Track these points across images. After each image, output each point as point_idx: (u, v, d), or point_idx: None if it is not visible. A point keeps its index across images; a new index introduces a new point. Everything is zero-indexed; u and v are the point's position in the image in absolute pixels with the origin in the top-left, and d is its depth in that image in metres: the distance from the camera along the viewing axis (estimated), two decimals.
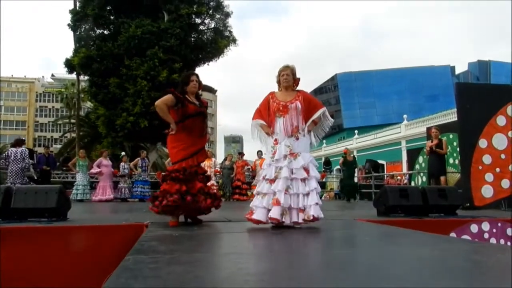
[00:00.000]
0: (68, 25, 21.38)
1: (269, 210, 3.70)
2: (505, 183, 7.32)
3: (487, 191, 7.21)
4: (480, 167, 7.27)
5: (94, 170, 11.43)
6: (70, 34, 21.95)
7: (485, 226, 4.81)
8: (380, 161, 29.61)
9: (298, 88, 4.24)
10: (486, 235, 4.77)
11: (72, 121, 37.07)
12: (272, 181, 3.80)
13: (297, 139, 3.94)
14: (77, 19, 21.08)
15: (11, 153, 8.95)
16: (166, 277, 1.71)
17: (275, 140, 3.95)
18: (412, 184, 13.26)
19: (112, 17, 21.28)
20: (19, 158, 8.84)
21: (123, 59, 19.56)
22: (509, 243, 4.75)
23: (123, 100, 19.51)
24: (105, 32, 21.49)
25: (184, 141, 4.13)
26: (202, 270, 1.91)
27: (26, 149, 9.28)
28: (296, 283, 1.71)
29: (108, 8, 21.48)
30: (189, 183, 4.02)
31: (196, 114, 4.16)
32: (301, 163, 3.81)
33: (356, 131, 36.50)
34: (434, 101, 48.64)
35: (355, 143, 34.46)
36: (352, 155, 13.90)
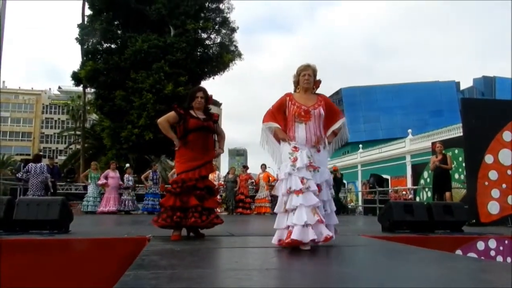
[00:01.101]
0: (76, 39, 21.69)
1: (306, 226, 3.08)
2: (511, 199, 7.22)
3: (493, 207, 7.12)
4: (486, 183, 7.19)
5: (101, 181, 11.46)
6: (78, 48, 22.28)
7: (492, 243, 4.73)
8: (384, 176, 29.46)
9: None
10: (492, 253, 4.69)
11: (78, 132, 37.30)
12: (299, 192, 3.18)
13: (318, 151, 3.48)
14: (85, 33, 21.40)
15: (31, 167, 9.77)
16: None
17: (294, 147, 3.38)
18: (417, 199, 13.15)
19: (119, 32, 21.60)
20: (38, 172, 9.74)
21: (129, 72, 19.81)
22: None
23: (128, 113, 19.68)
24: (112, 46, 21.81)
25: (187, 156, 4.13)
26: (203, 284, 1.87)
27: (45, 165, 10.29)
28: None
29: (116, 23, 21.84)
30: (184, 196, 3.97)
31: (198, 129, 4.15)
32: (323, 178, 3.41)
33: (360, 145, 36.40)
34: (439, 116, 48.53)
35: (360, 157, 34.34)
36: (340, 173, 14.44)
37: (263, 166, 13.30)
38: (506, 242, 4.76)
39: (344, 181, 18.70)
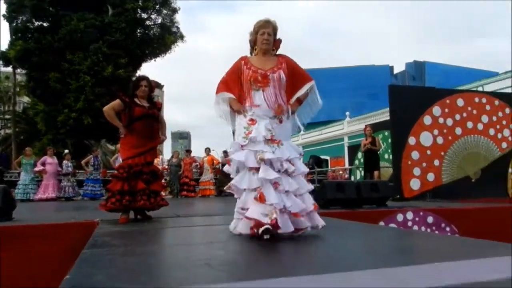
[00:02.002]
0: (4, 15, 20.25)
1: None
2: (430, 177, 8.09)
3: (415, 184, 7.94)
4: (409, 162, 7.98)
5: (38, 168, 11.09)
6: (5, 25, 20.83)
7: (409, 215, 5.40)
8: (324, 157, 30.78)
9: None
10: (409, 223, 5.36)
11: (7, 116, 34.99)
12: (257, 169, 2.72)
13: (280, 121, 2.96)
14: (13, 9, 20.01)
15: None
16: (122, 266, 1.94)
17: (251, 120, 2.89)
18: (352, 178, 14.08)
19: (52, 9, 20.40)
20: None
21: (65, 53, 18.92)
22: (429, 230, 5.36)
23: (64, 96, 18.89)
24: (45, 24, 20.58)
25: (133, 142, 4.29)
26: (154, 259, 2.14)
27: None
28: (238, 266, 2.00)
29: None
30: (132, 181, 4.17)
31: (143, 117, 4.32)
32: (287, 154, 2.82)
33: (302, 127, 37.49)
34: (375, 99, 50.95)
35: (301, 139, 35.47)
36: None
37: (207, 150, 13.55)
38: (421, 213, 5.44)
39: None
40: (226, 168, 3.04)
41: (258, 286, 1.44)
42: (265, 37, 3.04)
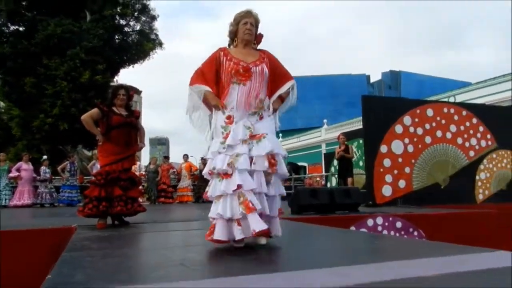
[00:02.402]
0: None
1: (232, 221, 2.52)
2: (401, 183, 8.40)
3: (387, 191, 8.23)
4: (381, 170, 8.27)
5: (13, 174, 10.95)
6: None
7: (379, 220, 5.64)
8: (302, 163, 31.16)
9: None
10: (379, 228, 5.60)
11: None
12: (227, 175, 2.55)
13: (261, 118, 2.75)
14: None
15: None
16: (102, 268, 2.06)
17: (228, 117, 2.68)
18: (328, 185, 14.38)
19: (28, 14, 20.14)
20: None
21: (41, 58, 18.67)
22: (397, 234, 5.61)
23: (40, 101, 18.61)
24: (21, 29, 20.27)
25: (111, 150, 4.40)
26: (132, 261, 2.27)
27: None
28: (211, 266, 2.15)
29: (24, 3, 20.32)
30: (109, 187, 4.27)
31: (121, 125, 4.43)
32: (267, 148, 2.57)
33: (280, 134, 37.96)
34: (352, 107, 51.88)
35: None
36: None
37: (185, 156, 13.62)
38: (390, 219, 5.69)
39: None
40: (204, 172, 2.79)
41: (223, 283, 1.59)
42: (248, 26, 2.81)
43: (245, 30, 2.82)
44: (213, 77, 2.79)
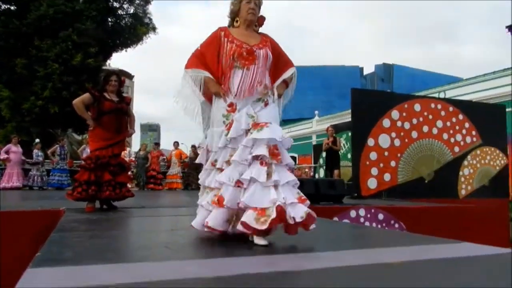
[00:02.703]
0: None
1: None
2: (386, 177, 8.59)
3: (372, 183, 8.41)
4: (368, 163, 8.44)
5: (2, 156, 10.95)
6: None
7: (362, 212, 5.81)
8: (292, 154, 31.33)
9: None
10: (362, 219, 5.77)
11: None
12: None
13: (266, 104, 2.56)
14: None
15: None
16: (90, 247, 2.17)
17: (230, 105, 2.50)
18: (316, 176, 14.58)
19: None
20: None
21: (33, 39, 18.46)
22: (379, 226, 5.79)
23: (31, 83, 18.44)
24: (12, 8, 19.98)
25: (101, 135, 4.48)
26: (120, 242, 2.39)
27: None
28: (194, 249, 2.27)
29: None
30: (98, 172, 4.36)
31: (112, 111, 4.50)
32: (266, 136, 2.33)
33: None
34: (344, 99, 51.78)
35: None
36: None
37: (176, 144, 13.69)
38: (373, 210, 5.87)
39: None
40: (199, 159, 2.66)
41: (203, 264, 1.72)
42: (252, 5, 2.60)
43: (249, 9, 2.60)
44: (214, 60, 2.59)
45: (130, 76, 64.91)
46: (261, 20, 2.74)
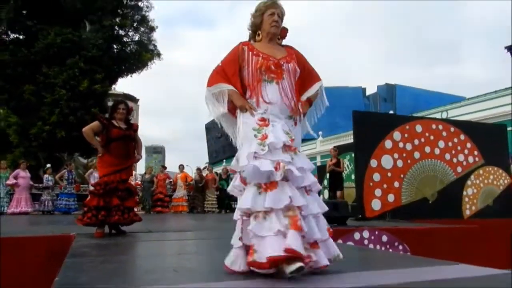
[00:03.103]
0: None
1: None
2: (390, 198, 8.64)
3: (376, 204, 8.46)
4: (371, 184, 8.51)
5: (10, 181, 11.14)
6: None
7: (366, 234, 5.86)
8: None
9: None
10: (366, 242, 5.82)
11: None
12: (270, 186, 2.06)
13: (295, 124, 2.39)
14: None
15: None
16: (103, 272, 2.28)
17: (262, 119, 2.25)
18: (321, 197, 14.60)
19: (28, 22, 20.45)
20: None
21: (41, 67, 18.95)
22: (383, 248, 5.83)
23: (39, 109, 18.84)
24: (21, 37, 20.57)
25: (110, 161, 4.63)
26: (130, 267, 2.50)
27: None
28: (202, 273, 2.37)
29: (24, 12, 20.64)
30: (107, 197, 4.49)
31: (120, 138, 4.66)
32: (307, 165, 2.21)
33: None
34: (348, 120, 51.79)
35: None
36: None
37: (181, 166, 13.85)
38: (376, 232, 5.92)
39: None
40: (230, 189, 2.31)
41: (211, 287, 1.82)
42: (275, 18, 2.45)
43: (272, 21, 2.45)
44: (236, 75, 2.41)
45: (135, 100, 65.85)
46: (283, 32, 2.58)
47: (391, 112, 24.85)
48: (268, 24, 2.46)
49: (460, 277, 2.05)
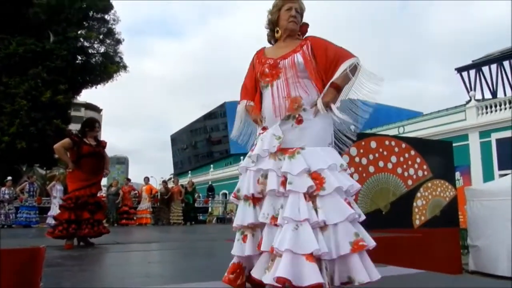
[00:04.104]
0: None
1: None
2: None
3: None
4: None
5: None
6: None
7: None
8: None
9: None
10: None
11: None
12: (256, 199, 2.05)
13: (299, 122, 2.09)
14: None
15: None
16: (82, 278, 2.58)
17: (264, 129, 2.19)
18: None
19: None
20: None
21: (0, 76, 18.55)
22: None
23: None
24: None
25: (80, 176, 4.86)
26: (105, 274, 2.80)
27: None
28: (172, 277, 2.72)
29: None
30: (78, 211, 4.73)
31: (90, 154, 4.92)
32: (301, 166, 1.92)
33: (242, 157, 38.49)
34: None
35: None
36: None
37: (146, 179, 13.96)
38: None
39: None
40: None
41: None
42: (293, 13, 2.26)
43: (289, 17, 2.26)
44: (253, 88, 2.33)
45: (98, 110, 64.68)
46: (304, 28, 2.36)
47: (352, 127, 25.77)
48: (285, 20, 2.27)
49: (385, 276, 2.50)
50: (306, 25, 2.36)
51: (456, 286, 2.68)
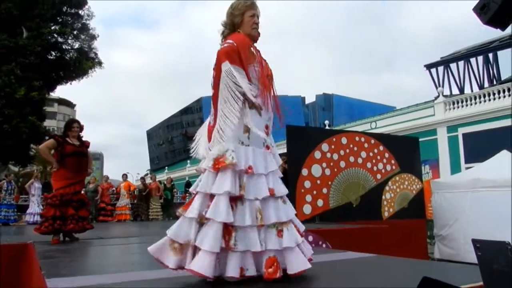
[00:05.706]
0: None
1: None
2: (319, 203, 9.68)
3: (307, 209, 9.45)
4: (302, 190, 9.49)
5: None
6: None
7: None
8: None
9: None
10: None
11: None
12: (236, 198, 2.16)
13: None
14: None
15: None
16: (76, 267, 2.90)
17: (266, 126, 2.48)
18: None
19: None
20: None
21: None
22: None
23: None
24: None
25: (64, 175, 5.12)
26: (95, 263, 3.12)
27: None
28: (150, 265, 3.05)
29: None
30: (63, 207, 4.99)
31: (73, 154, 5.17)
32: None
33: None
34: None
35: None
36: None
37: (124, 176, 14.14)
38: (304, 233, 6.82)
39: None
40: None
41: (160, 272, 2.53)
42: (256, 20, 2.35)
43: (253, 24, 2.34)
44: (247, 67, 2.33)
45: (71, 105, 63.62)
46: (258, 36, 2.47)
47: (327, 121, 26.48)
48: (249, 27, 2.34)
49: (342, 259, 2.91)
50: (259, 33, 2.47)
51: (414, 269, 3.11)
